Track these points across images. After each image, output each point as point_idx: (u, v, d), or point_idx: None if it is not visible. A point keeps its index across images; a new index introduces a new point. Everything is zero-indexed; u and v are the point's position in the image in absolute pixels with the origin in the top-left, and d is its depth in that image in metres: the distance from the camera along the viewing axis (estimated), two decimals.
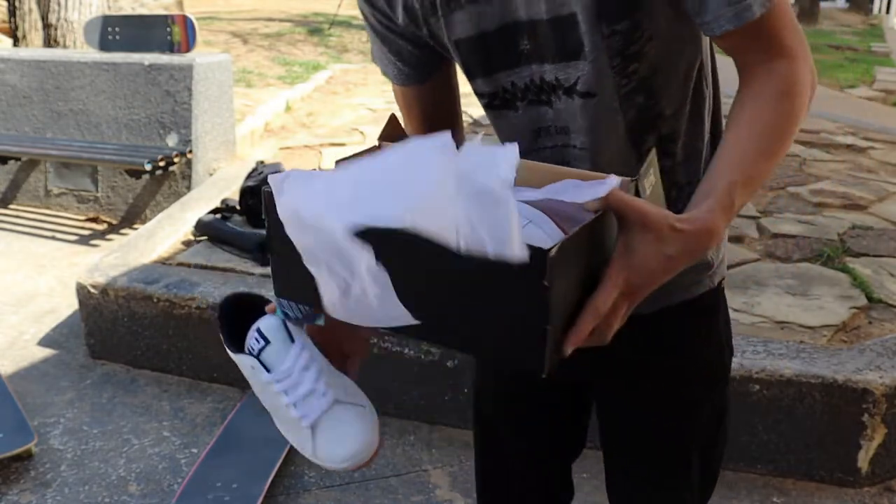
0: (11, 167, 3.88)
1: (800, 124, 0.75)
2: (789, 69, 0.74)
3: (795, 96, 0.74)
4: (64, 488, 1.87)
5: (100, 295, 2.41)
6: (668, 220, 0.66)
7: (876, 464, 1.85)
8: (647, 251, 0.65)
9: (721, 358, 0.97)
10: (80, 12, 4.82)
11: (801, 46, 0.76)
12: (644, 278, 0.66)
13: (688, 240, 0.66)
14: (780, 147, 0.74)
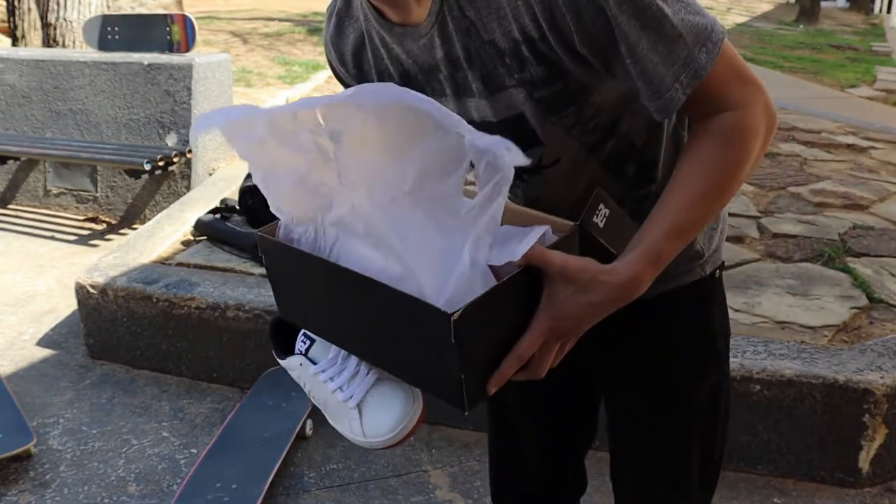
0: (10, 167, 3.88)
1: (748, 167, 0.77)
2: (735, 119, 0.76)
3: (740, 145, 0.75)
4: (63, 489, 1.87)
5: (99, 295, 2.41)
6: (590, 272, 0.71)
7: (877, 464, 1.85)
8: (570, 301, 0.71)
9: (714, 344, 0.99)
10: (80, 12, 4.81)
11: (750, 91, 0.76)
12: (570, 324, 0.72)
13: (611, 290, 0.72)
14: (722, 194, 0.77)
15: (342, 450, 2.03)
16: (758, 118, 0.76)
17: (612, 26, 0.70)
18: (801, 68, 8.06)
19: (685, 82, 0.72)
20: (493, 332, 0.71)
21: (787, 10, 14.47)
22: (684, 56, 0.72)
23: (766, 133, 0.77)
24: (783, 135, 4.15)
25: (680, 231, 0.75)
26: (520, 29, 0.73)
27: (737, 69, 0.76)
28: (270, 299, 2.24)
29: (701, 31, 0.72)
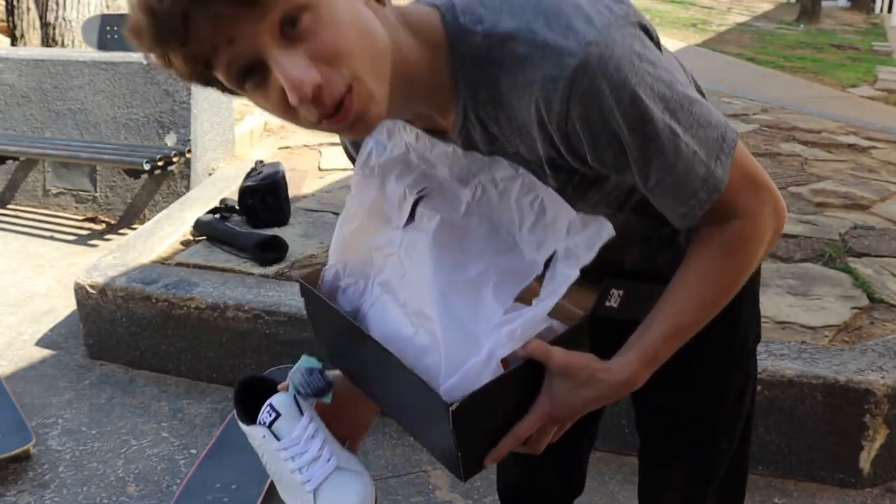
0: (9, 167, 3.87)
1: (752, 269, 0.80)
2: (743, 228, 0.77)
3: (745, 254, 0.78)
4: (62, 489, 1.86)
5: (98, 295, 2.40)
6: (589, 369, 0.76)
7: (878, 465, 1.84)
8: (568, 394, 0.77)
9: (744, 344, 0.99)
10: (79, 11, 4.81)
11: (761, 197, 0.77)
12: (567, 412, 0.79)
13: (608, 388, 0.77)
14: (723, 297, 0.79)
15: None
16: (766, 225, 0.77)
17: (626, 151, 0.70)
18: (802, 68, 8.06)
19: (704, 198, 0.73)
20: (492, 416, 0.78)
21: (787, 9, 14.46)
22: (702, 173, 0.72)
23: (772, 235, 0.79)
24: (784, 135, 4.15)
25: (677, 333, 0.79)
26: (542, 150, 0.74)
27: (749, 175, 0.76)
28: (269, 299, 2.24)
29: (713, 143, 0.72)
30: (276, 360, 2.23)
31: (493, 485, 1.89)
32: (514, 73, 0.68)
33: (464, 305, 0.79)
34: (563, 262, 0.76)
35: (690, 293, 0.78)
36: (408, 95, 0.72)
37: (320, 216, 2.93)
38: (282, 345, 2.21)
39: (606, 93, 0.66)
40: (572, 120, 0.68)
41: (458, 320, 0.78)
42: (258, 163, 3.10)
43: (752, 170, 0.77)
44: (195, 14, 0.60)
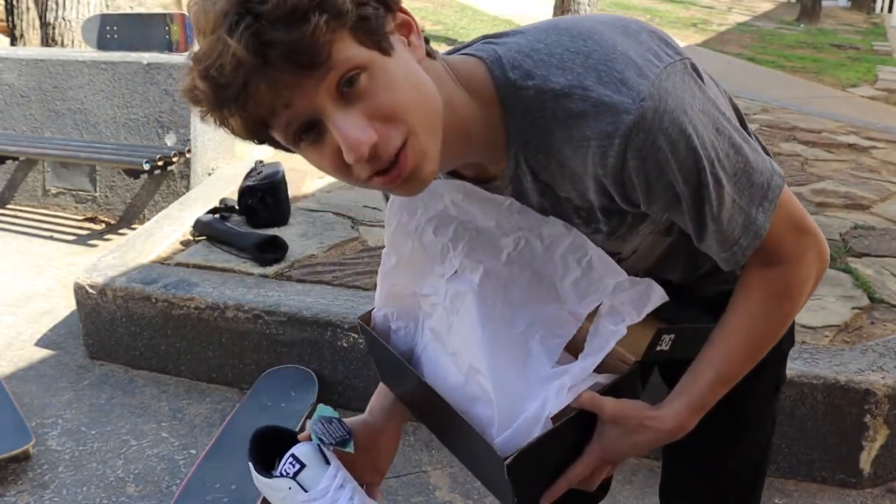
0: (9, 167, 3.87)
1: (796, 313, 0.82)
2: (787, 275, 0.78)
3: (788, 301, 0.79)
4: (62, 489, 1.86)
5: (98, 295, 2.40)
6: (639, 418, 0.80)
7: (878, 465, 1.84)
8: (619, 440, 0.81)
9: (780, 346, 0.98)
10: (78, 11, 4.80)
11: (805, 242, 0.78)
12: (617, 456, 0.83)
13: (657, 434, 0.81)
14: (768, 343, 0.81)
15: None
16: (810, 270, 0.78)
17: (680, 199, 0.72)
18: (803, 68, 8.06)
19: (745, 244, 0.75)
20: (546, 463, 0.83)
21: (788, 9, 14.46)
22: (741, 221, 0.74)
23: (815, 280, 0.80)
24: (784, 134, 4.15)
25: (725, 380, 0.81)
26: (594, 197, 0.75)
27: (794, 221, 0.77)
28: (269, 300, 2.24)
29: (757, 190, 0.73)
30: (276, 361, 2.22)
31: None
32: (568, 128, 0.69)
33: (512, 359, 0.82)
34: (607, 318, 0.79)
35: (737, 341, 0.80)
36: (461, 149, 0.73)
37: (320, 216, 2.92)
38: (282, 345, 2.21)
39: (663, 146, 0.67)
40: (628, 171, 0.69)
41: (507, 374, 0.81)
42: (258, 162, 3.09)
43: (797, 215, 0.78)
44: (255, 81, 0.60)
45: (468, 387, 0.83)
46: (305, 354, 2.19)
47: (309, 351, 2.19)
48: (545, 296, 0.82)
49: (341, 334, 2.14)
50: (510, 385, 0.81)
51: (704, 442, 0.99)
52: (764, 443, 1.04)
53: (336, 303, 2.20)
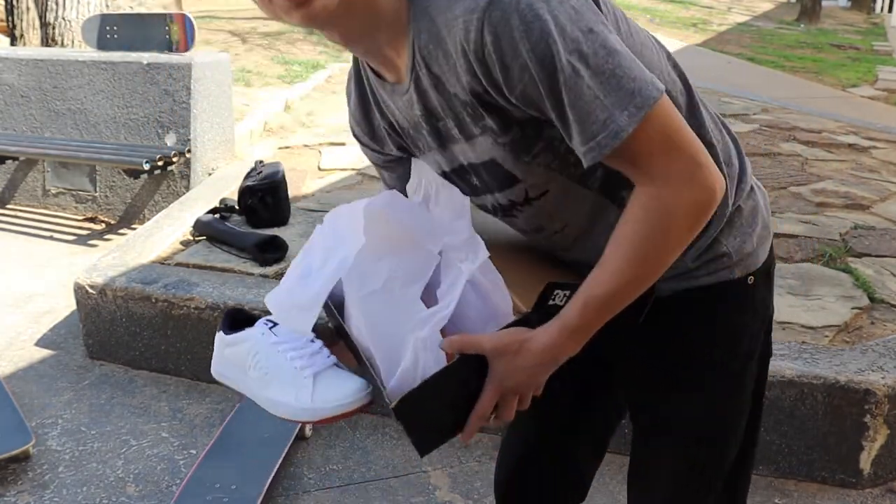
0: (9, 167, 3.87)
1: (672, 244, 0.80)
2: (652, 196, 0.78)
3: (656, 223, 0.78)
4: (62, 489, 1.86)
5: (98, 295, 2.40)
6: (517, 341, 0.83)
7: (878, 465, 1.84)
8: (507, 368, 0.84)
9: (734, 347, 0.98)
10: (79, 11, 4.80)
11: (679, 167, 0.77)
12: (514, 383, 0.85)
13: (535, 355, 0.83)
14: (641, 270, 0.81)
15: (342, 450, 2.02)
16: (679, 197, 0.78)
17: (538, 85, 0.74)
18: (803, 68, 8.06)
19: (604, 142, 0.75)
20: (440, 409, 0.86)
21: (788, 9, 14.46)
22: (602, 118, 0.74)
23: (694, 208, 0.79)
24: (784, 134, 4.15)
25: (598, 304, 0.82)
26: (468, 83, 0.79)
27: (669, 140, 0.77)
28: None
29: (624, 94, 0.74)
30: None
31: (493, 485, 1.89)
32: (444, 11, 0.76)
33: (382, 312, 0.87)
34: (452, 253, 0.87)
35: (609, 262, 0.81)
36: (368, 21, 0.80)
37: (320, 216, 2.92)
38: None
39: (517, 25, 0.72)
40: (488, 49, 0.74)
41: (382, 328, 0.87)
42: (258, 163, 3.09)
43: (676, 136, 0.77)
44: None
45: (361, 338, 0.90)
46: None
47: None
48: (402, 246, 0.88)
49: None
50: (385, 338, 0.87)
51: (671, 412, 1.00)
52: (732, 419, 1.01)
53: None
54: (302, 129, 4.26)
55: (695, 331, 0.97)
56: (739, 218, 0.94)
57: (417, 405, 0.83)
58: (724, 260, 0.93)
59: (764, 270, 0.97)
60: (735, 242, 0.94)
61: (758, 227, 0.96)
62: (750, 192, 0.97)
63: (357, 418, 2.16)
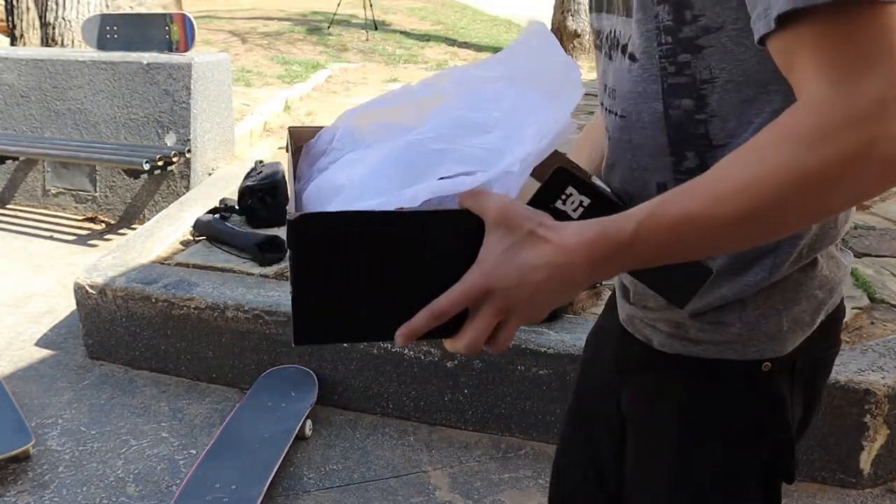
0: (9, 167, 3.87)
1: (806, 186, 0.53)
2: (807, 109, 0.53)
3: (805, 140, 0.52)
4: (62, 489, 1.86)
5: (98, 295, 2.40)
6: (533, 222, 0.58)
7: (878, 465, 1.84)
8: (504, 257, 0.58)
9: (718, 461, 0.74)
10: (78, 11, 4.80)
11: (873, 78, 0.51)
12: (502, 287, 0.58)
13: (551, 253, 0.57)
14: (748, 198, 0.54)
15: (342, 450, 2.02)
16: (875, 124, 0.50)
17: None
18: None
19: (777, 3, 0.53)
20: (373, 269, 0.60)
21: None
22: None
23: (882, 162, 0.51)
24: None
25: (670, 222, 0.56)
26: None
27: (879, 42, 0.51)
28: (269, 299, 2.24)
29: None
30: (275, 361, 2.22)
31: (493, 485, 1.89)
32: None
33: (402, 164, 0.65)
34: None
35: (713, 178, 0.56)
36: None
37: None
38: (282, 345, 2.21)
39: None
40: None
41: (384, 174, 0.65)
42: (258, 163, 3.09)
43: (882, 43, 0.51)
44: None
45: (337, 180, 0.67)
46: (305, 354, 2.19)
47: (309, 351, 2.19)
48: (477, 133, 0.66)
49: None
50: (377, 180, 0.64)
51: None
52: None
53: None
54: None
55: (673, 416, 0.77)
56: (776, 288, 0.71)
57: (331, 239, 0.58)
58: (725, 330, 0.72)
59: (788, 363, 0.73)
60: (751, 316, 0.71)
61: (797, 307, 0.72)
62: (814, 262, 0.72)
63: (357, 418, 2.15)
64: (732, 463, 0.74)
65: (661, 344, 0.77)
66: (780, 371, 0.73)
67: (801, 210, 0.54)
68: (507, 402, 2.04)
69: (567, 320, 2.08)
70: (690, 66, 0.66)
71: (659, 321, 0.76)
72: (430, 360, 2.07)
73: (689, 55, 0.66)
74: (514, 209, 0.59)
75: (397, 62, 7.03)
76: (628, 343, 0.81)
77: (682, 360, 0.75)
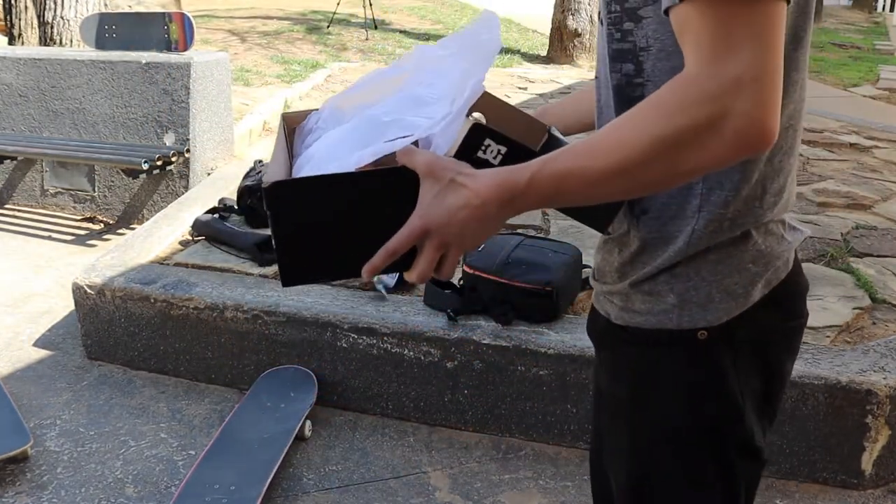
0: (7, 167, 3.86)
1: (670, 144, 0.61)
2: (693, 80, 0.61)
3: (669, 117, 0.61)
4: (60, 490, 1.85)
5: (96, 295, 2.39)
6: (453, 171, 0.69)
7: (880, 466, 1.83)
8: (434, 202, 0.69)
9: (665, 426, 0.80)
10: (77, 10, 4.79)
11: (743, 63, 0.59)
12: (438, 226, 0.69)
13: (468, 196, 0.68)
14: (623, 168, 0.63)
15: (341, 451, 2.01)
16: (727, 98, 0.59)
17: None
18: None
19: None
20: (336, 221, 0.72)
21: None
22: None
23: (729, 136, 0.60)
24: None
25: (554, 174, 0.66)
26: None
27: (757, 32, 0.59)
28: (268, 300, 2.23)
29: None
30: (275, 361, 2.22)
31: (493, 486, 1.89)
32: None
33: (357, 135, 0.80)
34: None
35: (597, 135, 0.66)
36: None
37: None
38: (281, 345, 2.20)
39: None
40: None
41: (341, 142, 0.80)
42: (257, 162, 3.08)
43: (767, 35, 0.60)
44: None
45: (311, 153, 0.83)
46: (305, 355, 2.18)
47: (308, 351, 2.18)
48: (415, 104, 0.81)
49: (341, 334, 2.13)
50: (337, 150, 0.79)
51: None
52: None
53: (335, 303, 2.19)
54: None
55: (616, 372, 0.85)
56: (706, 259, 0.76)
57: (306, 202, 0.70)
58: (657, 299, 0.78)
59: (722, 332, 0.77)
60: (681, 286, 0.77)
61: (728, 279, 0.76)
62: (745, 235, 0.77)
63: (357, 419, 2.15)
64: (677, 427, 0.80)
65: (616, 317, 0.83)
66: (718, 340, 0.77)
67: (663, 169, 0.63)
68: (507, 403, 2.04)
69: (567, 320, 2.07)
70: (633, 34, 0.74)
71: (614, 295, 0.83)
72: (429, 361, 2.06)
73: (632, 24, 0.73)
74: (438, 162, 0.70)
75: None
76: (596, 319, 0.89)
77: (631, 331, 0.81)
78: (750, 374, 0.79)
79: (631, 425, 0.83)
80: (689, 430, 0.79)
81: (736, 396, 0.78)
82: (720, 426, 0.79)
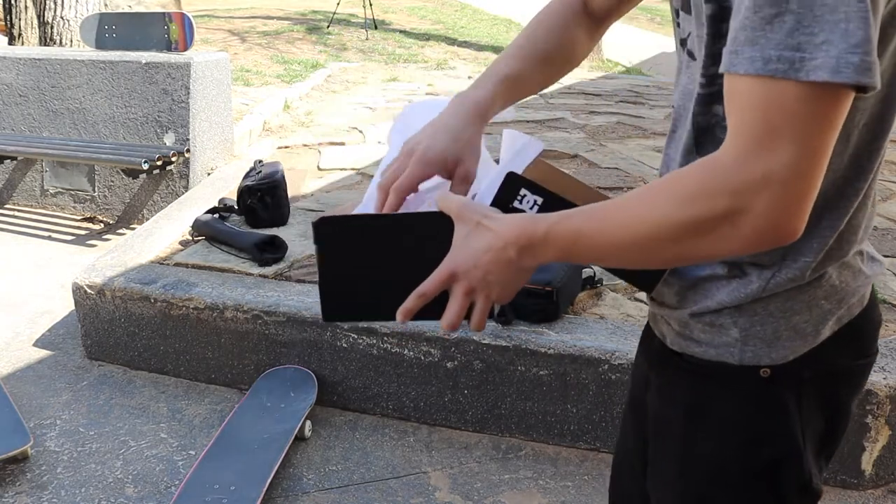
0: (7, 166, 3.86)
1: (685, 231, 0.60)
2: (719, 164, 0.58)
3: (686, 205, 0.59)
4: (60, 491, 1.85)
5: (96, 295, 2.39)
6: (479, 214, 0.70)
7: (880, 466, 1.83)
8: (462, 244, 0.70)
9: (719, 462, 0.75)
10: (77, 10, 4.79)
11: (778, 160, 0.55)
12: (466, 269, 0.69)
13: (490, 239, 0.68)
14: (623, 235, 0.63)
15: (341, 451, 2.01)
16: (749, 194, 0.56)
17: None
18: None
19: (727, 60, 0.57)
20: (377, 260, 0.74)
21: None
22: (745, 38, 0.56)
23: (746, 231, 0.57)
24: None
25: (568, 233, 0.65)
26: None
27: (801, 131, 0.55)
28: (268, 300, 2.23)
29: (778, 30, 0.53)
30: (275, 361, 2.22)
31: (493, 486, 1.89)
32: None
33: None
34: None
35: (616, 203, 0.65)
36: None
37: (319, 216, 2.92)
38: (281, 345, 2.20)
39: None
40: None
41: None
42: (257, 162, 3.08)
43: (815, 137, 0.55)
44: None
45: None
46: (305, 354, 2.18)
47: (308, 351, 2.18)
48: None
49: (341, 334, 2.13)
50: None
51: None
52: None
53: None
54: (301, 128, 4.25)
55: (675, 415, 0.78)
56: (776, 295, 0.71)
57: (349, 240, 0.73)
58: (724, 332, 0.73)
59: (792, 370, 0.72)
60: (746, 320, 0.72)
61: (797, 316, 0.71)
62: (821, 276, 0.71)
63: (357, 419, 2.15)
64: (733, 464, 0.74)
65: (672, 342, 0.79)
66: (782, 378, 0.72)
67: (676, 252, 0.62)
68: (508, 403, 2.04)
69: (567, 320, 2.07)
70: (720, 78, 0.66)
71: (671, 318, 0.78)
72: (430, 361, 2.07)
73: (716, 68, 0.67)
74: (468, 206, 0.71)
75: (397, 61, 7.02)
76: (651, 338, 0.84)
77: (688, 359, 0.77)
78: (813, 414, 0.74)
79: (681, 458, 0.78)
80: (744, 473, 0.74)
81: (797, 439, 0.73)
82: (778, 470, 0.74)
